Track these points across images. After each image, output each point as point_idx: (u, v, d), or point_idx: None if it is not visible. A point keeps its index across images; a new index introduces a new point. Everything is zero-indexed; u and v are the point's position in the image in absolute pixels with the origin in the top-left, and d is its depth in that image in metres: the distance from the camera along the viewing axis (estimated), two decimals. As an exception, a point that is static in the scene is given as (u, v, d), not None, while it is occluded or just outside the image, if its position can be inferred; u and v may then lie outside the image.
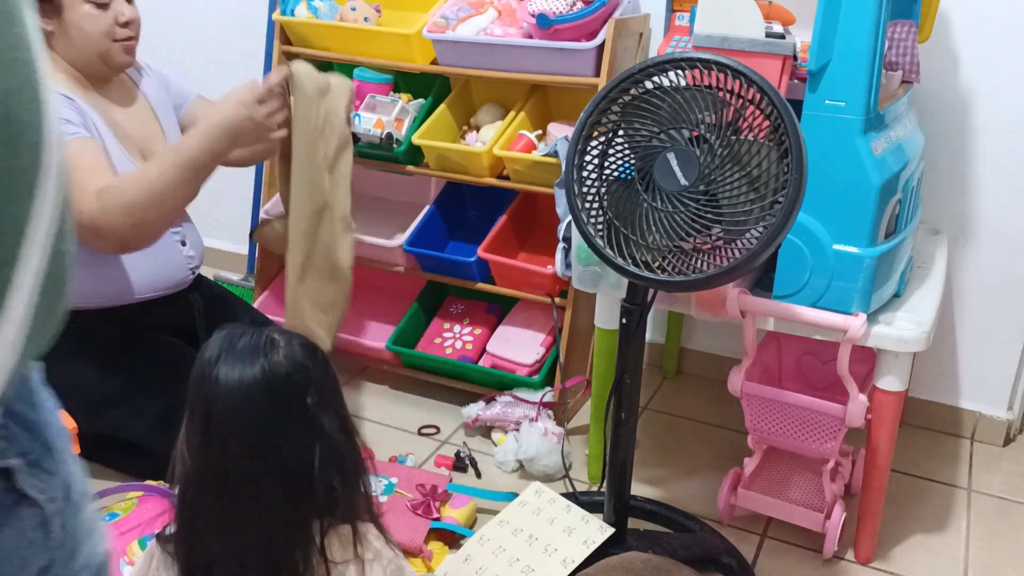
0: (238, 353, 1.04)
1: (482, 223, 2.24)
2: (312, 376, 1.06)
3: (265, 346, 1.04)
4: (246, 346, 1.04)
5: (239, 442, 1.03)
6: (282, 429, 1.03)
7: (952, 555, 1.73)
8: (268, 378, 1.03)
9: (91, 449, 1.68)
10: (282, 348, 1.05)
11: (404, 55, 2.13)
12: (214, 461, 1.04)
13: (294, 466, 1.04)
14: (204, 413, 1.04)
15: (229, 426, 1.03)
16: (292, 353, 1.05)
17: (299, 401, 1.04)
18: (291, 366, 1.04)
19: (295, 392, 1.04)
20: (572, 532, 1.56)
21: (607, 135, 1.33)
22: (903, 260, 1.61)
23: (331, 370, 1.09)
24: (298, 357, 1.05)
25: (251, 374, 1.02)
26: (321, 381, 1.06)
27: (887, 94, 1.57)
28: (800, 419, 1.62)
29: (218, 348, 1.05)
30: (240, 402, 1.03)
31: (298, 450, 1.04)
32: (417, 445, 2.03)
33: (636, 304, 1.44)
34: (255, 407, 1.03)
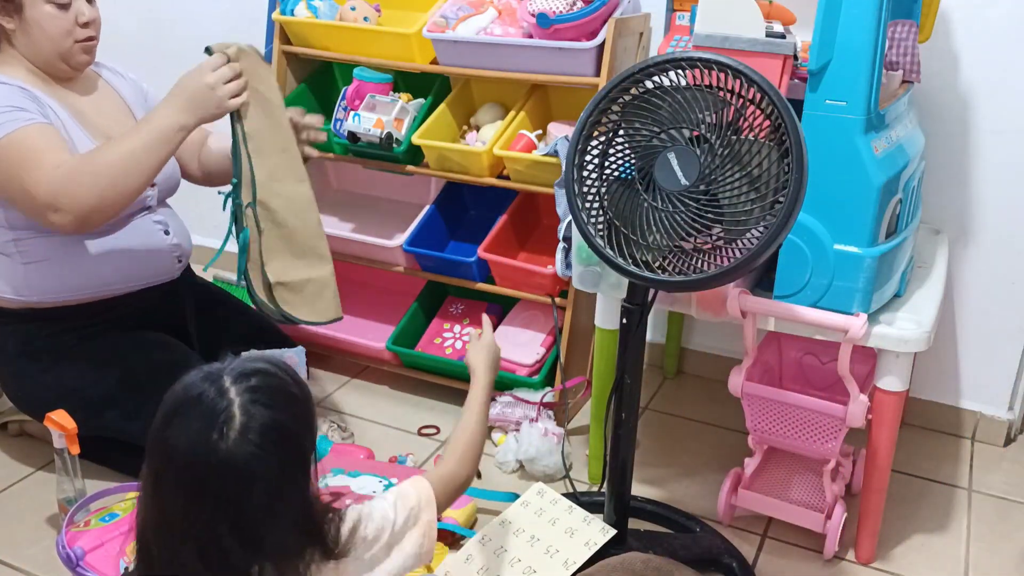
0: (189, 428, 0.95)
1: (482, 223, 2.24)
2: (261, 471, 0.95)
3: (218, 428, 0.94)
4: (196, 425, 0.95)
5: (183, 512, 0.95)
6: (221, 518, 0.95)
7: (953, 555, 1.73)
8: (211, 467, 0.94)
9: (91, 449, 1.69)
10: (234, 434, 0.94)
11: (404, 55, 2.13)
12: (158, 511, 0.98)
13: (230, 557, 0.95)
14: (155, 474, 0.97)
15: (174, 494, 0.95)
16: (242, 442, 0.94)
17: (244, 496, 0.95)
18: (237, 459, 0.94)
19: (239, 487, 0.95)
20: (574, 533, 1.56)
21: (607, 135, 1.33)
22: (904, 260, 1.61)
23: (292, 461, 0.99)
24: (248, 447, 0.94)
25: (198, 459, 0.94)
26: (272, 477, 0.96)
27: (888, 94, 1.57)
28: (801, 419, 1.62)
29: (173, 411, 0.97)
30: (185, 482, 0.95)
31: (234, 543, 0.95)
32: (417, 445, 2.03)
33: (636, 304, 1.44)
34: (197, 491, 0.94)
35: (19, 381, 1.81)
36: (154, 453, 0.98)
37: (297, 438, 1.00)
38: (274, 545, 0.97)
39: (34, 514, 1.76)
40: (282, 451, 0.97)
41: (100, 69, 1.89)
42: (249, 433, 0.95)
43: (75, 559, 1.49)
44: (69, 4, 1.69)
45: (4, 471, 1.89)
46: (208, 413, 0.95)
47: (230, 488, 0.95)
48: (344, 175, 2.53)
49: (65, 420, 1.60)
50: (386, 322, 2.31)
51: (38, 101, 1.67)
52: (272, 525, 0.97)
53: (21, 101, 1.63)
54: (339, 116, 2.22)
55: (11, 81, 1.67)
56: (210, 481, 0.94)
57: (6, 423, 1.99)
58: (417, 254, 2.17)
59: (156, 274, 1.84)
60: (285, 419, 0.98)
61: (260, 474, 0.95)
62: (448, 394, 2.19)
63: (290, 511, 0.98)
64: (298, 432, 1.00)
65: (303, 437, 1.01)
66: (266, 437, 0.95)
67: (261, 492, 0.95)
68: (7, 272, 1.73)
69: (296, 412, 1.00)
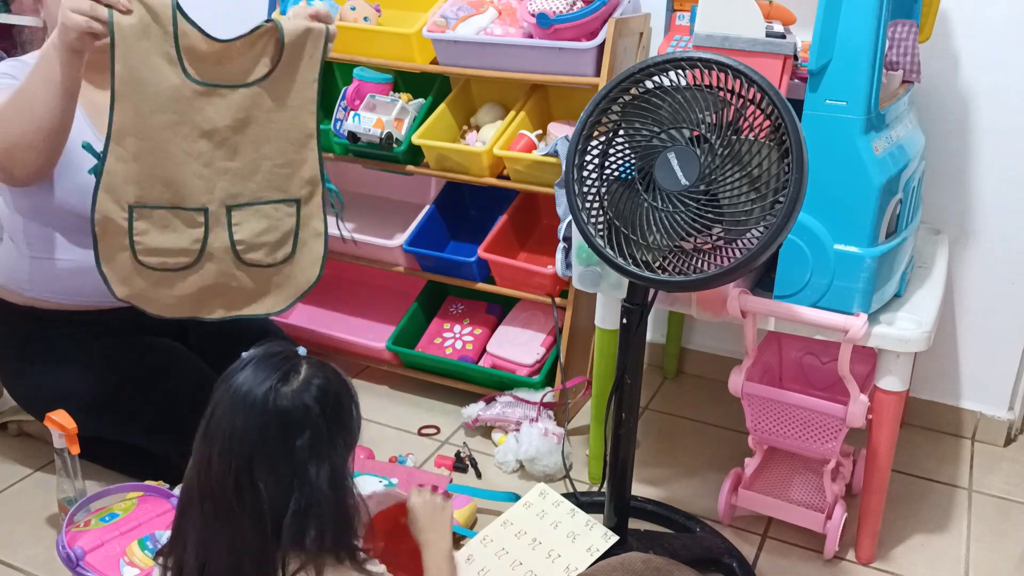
0: (259, 368, 1.04)
1: (482, 223, 2.24)
2: (310, 420, 1.04)
3: (283, 373, 1.04)
4: (269, 365, 1.05)
5: (222, 455, 1.02)
6: (265, 460, 1.02)
7: (953, 555, 1.73)
8: (266, 405, 1.03)
9: (91, 449, 1.69)
10: (296, 382, 1.05)
11: (404, 55, 2.13)
12: (203, 467, 1.04)
13: (267, 501, 1.02)
14: (208, 414, 1.05)
15: (219, 435, 1.03)
16: (301, 390, 1.05)
17: (289, 440, 1.03)
18: (293, 402, 1.04)
19: (288, 430, 1.03)
20: (576, 538, 1.55)
21: (607, 135, 1.33)
22: (904, 260, 1.61)
23: (341, 424, 1.08)
24: (305, 397, 1.04)
25: (254, 394, 1.03)
26: (320, 428, 1.05)
27: (888, 94, 1.57)
28: (801, 419, 1.62)
29: (250, 356, 1.06)
30: (233, 416, 1.03)
31: (275, 488, 1.02)
32: (417, 445, 2.03)
33: (637, 304, 1.44)
34: (245, 428, 1.02)
35: (18, 381, 1.81)
36: (212, 399, 1.05)
37: (347, 417, 1.09)
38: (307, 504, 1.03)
39: (34, 514, 1.76)
40: (331, 417, 1.06)
41: None
42: (310, 388, 1.05)
43: (75, 559, 1.49)
44: None
45: (4, 471, 1.89)
46: (276, 365, 1.05)
47: (281, 430, 1.02)
48: (344, 175, 2.52)
49: (65, 420, 1.60)
50: (386, 322, 2.31)
51: None
52: (308, 481, 1.03)
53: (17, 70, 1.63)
54: (339, 116, 2.22)
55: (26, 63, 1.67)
56: (264, 420, 1.02)
57: (6, 423, 1.99)
58: (417, 254, 2.17)
59: None
60: (343, 394, 1.09)
61: (309, 425, 1.04)
62: (448, 394, 2.19)
63: (326, 476, 1.05)
64: (349, 413, 1.10)
65: (350, 422, 1.10)
66: (322, 399, 1.05)
67: (305, 444, 1.03)
68: (14, 264, 1.72)
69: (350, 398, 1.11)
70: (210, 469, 1.03)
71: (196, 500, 1.06)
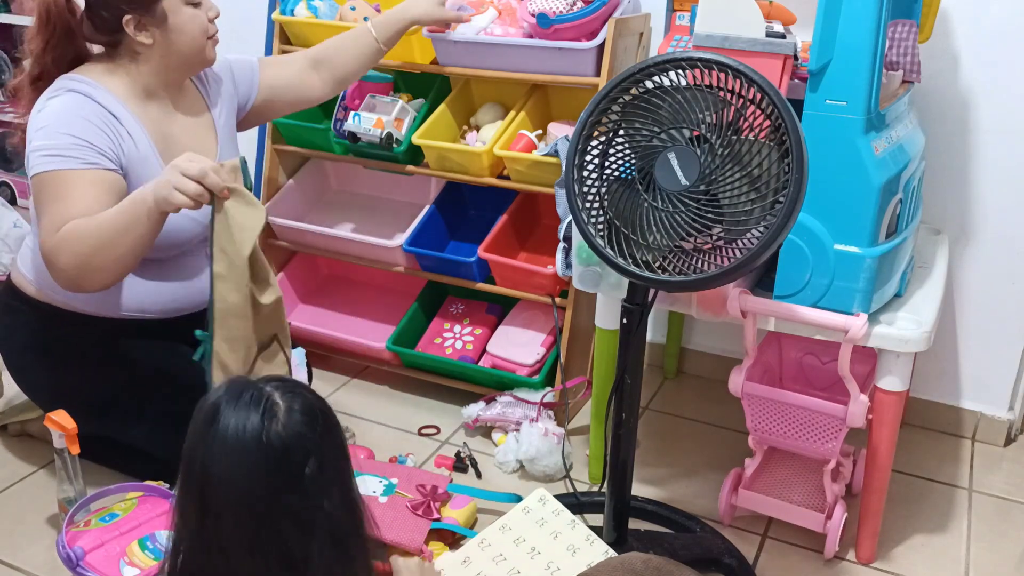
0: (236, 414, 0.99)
1: (482, 223, 2.24)
2: (311, 447, 1.01)
3: (264, 414, 0.99)
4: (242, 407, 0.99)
5: (235, 520, 0.98)
6: (280, 506, 0.99)
7: (953, 555, 1.73)
8: (265, 452, 0.98)
9: (91, 449, 1.69)
10: (281, 417, 1.00)
11: (404, 55, 2.13)
12: (209, 533, 0.99)
13: (292, 545, 0.99)
14: (200, 482, 0.99)
15: (224, 502, 0.98)
16: (291, 422, 1.00)
17: (298, 475, 0.99)
18: (290, 438, 0.99)
19: (293, 466, 0.99)
20: (576, 552, 1.54)
21: (607, 135, 1.33)
22: (904, 260, 1.61)
23: (335, 437, 1.05)
24: (298, 427, 1.00)
25: (246, 444, 0.98)
26: (322, 452, 1.02)
27: (888, 94, 1.57)
28: (801, 419, 1.62)
29: (214, 412, 0.99)
30: (236, 478, 0.98)
31: (297, 529, 0.99)
32: (417, 445, 2.03)
33: (637, 304, 1.44)
34: (252, 483, 0.98)
35: (24, 374, 1.81)
36: (197, 464, 1.00)
37: (337, 429, 1.06)
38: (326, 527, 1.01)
39: (34, 514, 1.76)
40: (324, 429, 1.03)
41: (213, 79, 1.86)
42: (293, 413, 1.01)
43: (75, 559, 1.49)
44: (200, 2, 1.69)
45: (4, 471, 1.89)
46: (251, 407, 0.99)
47: (286, 468, 0.99)
48: (344, 175, 2.53)
49: (65, 420, 1.60)
50: (386, 322, 2.31)
51: (117, 129, 1.62)
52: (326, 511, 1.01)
53: (94, 135, 1.58)
54: (339, 116, 2.22)
55: (99, 94, 1.63)
56: (268, 465, 0.98)
57: (6, 424, 1.99)
58: (417, 254, 2.17)
59: (192, 306, 1.80)
60: (320, 404, 1.05)
61: (312, 452, 1.00)
62: (448, 394, 2.19)
63: (339, 498, 1.03)
64: (335, 421, 1.06)
65: (339, 431, 1.07)
66: (309, 415, 1.02)
67: (314, 474, 1.00)
68: (38, 257, 1.66)
69: (328, 406, 1.07)
70: (221, 537, 0.99)
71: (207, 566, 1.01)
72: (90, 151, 1.58)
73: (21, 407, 1.95)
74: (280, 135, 2.35)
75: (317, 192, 2.49)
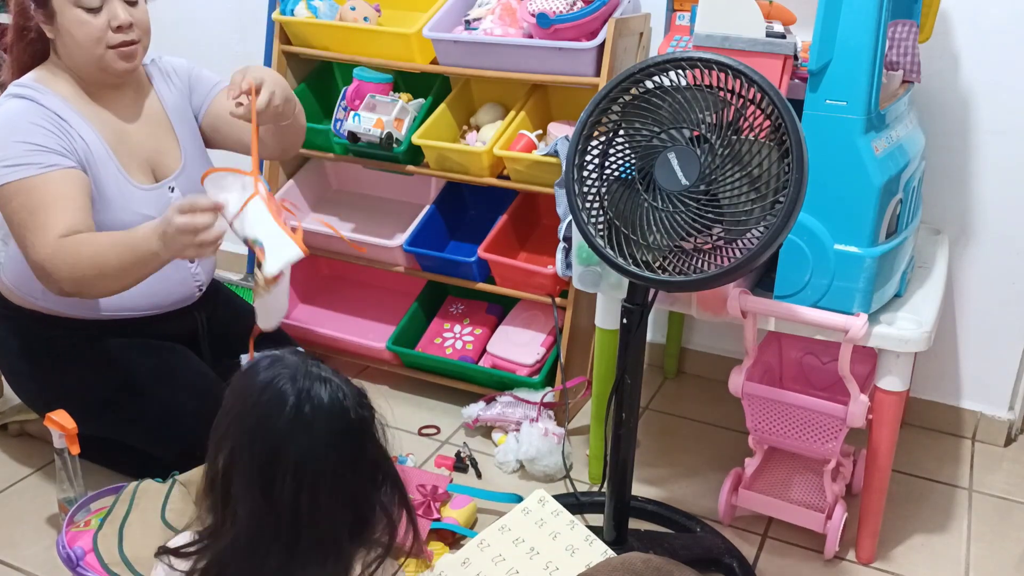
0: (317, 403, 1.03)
1: (482, 223, 2.24)
2: (373, 420, 1.09)
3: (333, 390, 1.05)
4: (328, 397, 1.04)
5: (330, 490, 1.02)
6: (367, 464, 1.06)
7: (953, 555, 1.73)
8: (350, 421, 1.04)
9: (91, 449, 1.69)
10: (344, 388, 1.06)
11: (404, 55, 2.13)
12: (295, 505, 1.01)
13: (367, 505, 1.06)
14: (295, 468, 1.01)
15: (320, 476, 1.01)
16: (352, 392, 1.07)
17: (371, 447, 1.07)
18: (357, 406, 1.06)
19: (367, 437, 1.07)
20: (575, 552, 1.54)
21: (608, 135, 1.33)
22: (904, 260, 1.61)
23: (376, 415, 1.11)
24: (356, 396, 1.07)
25: (340, 421, 1.04)
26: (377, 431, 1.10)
27: (888, 94, 1.57)
28: (801, 419, 1.62)
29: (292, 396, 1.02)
30: (332, 450, 1.02)
31: (370, 491, 1.06)
32: (417, 445, 2.03)
33: (637, 304, 1.44)
34: (344, 451, 1.03)
35: (19, 379, 1.81)
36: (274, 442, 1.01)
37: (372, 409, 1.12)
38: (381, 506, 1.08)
39: (34, 514, 1.76)
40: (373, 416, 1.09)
41: (153, 69, 1.82)
42: (357, 395, 1.08)
43: (75, 559, 1.49)
44: (100, 8, 1.60)
45: (4, 471, 1.89)
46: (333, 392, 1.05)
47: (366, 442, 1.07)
48: (344, 175, 2.52)
49: (65, 420, 1.60)
50: (386, 322, 2.31)
51: (67, 135, 1.61)
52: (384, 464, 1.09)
53: (45, 137, 1.57)
54: (339, 116, 2.22)
55: (46, 98, 1.62)
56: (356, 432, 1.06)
57: (6, 424, 1.99)
58: (417, 254, 2.17)
59: (172, 302, 1.80)
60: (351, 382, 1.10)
61: (374, 422, 1.09)
62: (448, 394, 2.19)
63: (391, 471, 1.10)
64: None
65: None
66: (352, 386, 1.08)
67: (376, 451, 1.08)
68: (17, 266, 1.69)
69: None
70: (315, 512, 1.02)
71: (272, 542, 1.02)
72: (45, 154, 1.57)
73: (21, 407, 1.95)
74: (280, 135, 2.35)
75: (317, 192, 2.49)
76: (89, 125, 1.66)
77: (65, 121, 1.62)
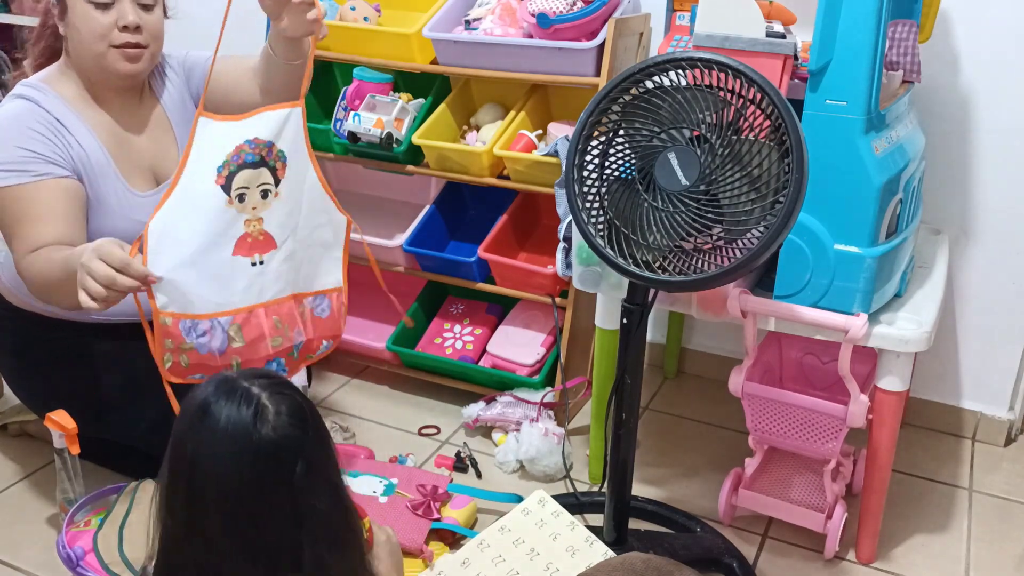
0: (224, 419, 0.98)
1: (482, 223, 2.24)
2: (300, 449, 1.00)
3: (254, 416, 0.99)
4: (233, 418, 0.98)
5: (222, 513, 0.98)
6: (270, 503, 0.99)
7: (953, 555, 1.73)
8: (255, 452, 0.98)
9: (91, 449, 1.69)
10: (270, 419, 0.99)
11: (404, 55, 2.13)
12: (197, 524, 0.99)
13: (280, 543, 1.00)
14: (188, 475, 0.99)
15: (213, 495, 0.98)
16: (281, 424, 0.99)
17: (287, 476, 0.99)
18: (280, 440, 0.99)
19: (283, 468, 0.99)
20: (576, 553, 1.54)
21: (608, 135, 1.33)
22: (904, 260, 1.61)
23: (323, 438, 1.05)
24: (286, 430, 1.00)
25: (238, 446, 0.98)
26: (310, 453, 1.01)
27: (888, 94, 1.57)
28: (801, 419, 1.62)
29: (204, 407, 0.99)
30: (227, 473, 0.98)
31: (285, 526, 0.99)
32: (417, 445, 2.03)
33: (637, 304, 1.44)
34: (242, 479, 0.98)
35: (18, 381, 1.81)
36: (184, 464, 0.99)
37: (320, 420, 1.06)
38: (319, 527, 1.01)
39: (34, 514, 1.76)
40: (313, 429, 1.03)
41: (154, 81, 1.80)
42: (282, 416, 1.00)
43: (75, 559, 1.49)
44: (110, 5, 1.59)
45: (4, 471, 1.89)
46: (241, 406, 0.99)
47: (276, 469, 0.99)
48: (344, 175, 2.52)
49: (65, 420, 1.60)
50: (386, 322, 2.31)
51: (65, 138, 1.60)
52: (313, 504, 1.01)
53: (42, 144, 1.57)
54: (339, 116, 2.22)
55: (48, 100, 1.61)
56: (257, 466, 0.98)
57: (6, 424, 1.99)
58: (417, 254, 2.17)
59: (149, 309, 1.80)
60: (308, 404, 1.04)
61: (302, 450, 1.00)
62: (448, 394, 2.19)
63: (329, 498, 1.03)
64: (319, 415, 1.06)
65: (322, 421, 1.07)
66: (297, 416, 1.01)
67: (303, 469, 1.00)
68: (10, 267, 1.69)
69: (313, 405, 1.06)
70: (209, 535, 0.98)
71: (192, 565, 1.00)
72: (39, 162, 1.56)
73: (21, 407, 1.95)
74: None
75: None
76: (89, 130, 1.65)
77: (64, 127, 1.62)
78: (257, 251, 1.52)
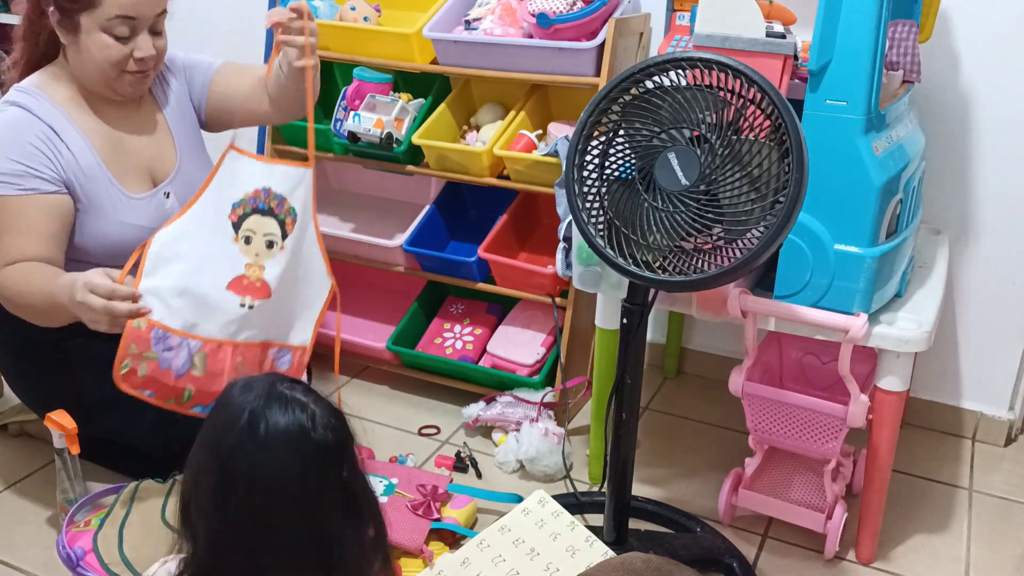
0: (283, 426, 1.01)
1: (482, 223, 2.24)
2: (347, 446, 1.07)
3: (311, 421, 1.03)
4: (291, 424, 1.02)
5: (286, 519, 1.01)
6: (324, 503, 1.03)
7: (953, 555, 1.73)
8: (315, 456, 1.02)
9: (91, 449, 1.69)
10: (322, 422, 1.04)
11: (404, 55, 2.13)
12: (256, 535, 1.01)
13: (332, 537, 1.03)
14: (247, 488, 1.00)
15: (276, 504, 1.00)
16: (331, 425, 1.04)
17: (339, 474, 1.05)
18: (333, 440, 1.04)
19: (336, 466, 1.05)
20: (576, 553, 1.54)
21: (608, 135, 1.33)
22: (904, 260, 1.61)
23: (354, 434, 1.10)
24: (337, 431, 1.05)
25: (300, 451, 1.01)
26: (351, 449, 1.08)
27: (888, 94, 1.57)
28: (801, 419, 1.62)
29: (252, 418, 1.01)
30: (290, 480, 1.00)
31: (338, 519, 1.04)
32: (417, 445, 2.03)
33: (637, 304, 1.44)
34: (304, 486, 1.01)
35: (20, 381, 1.81)
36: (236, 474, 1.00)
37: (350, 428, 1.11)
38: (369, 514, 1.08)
39: (34, 514, 1.76)
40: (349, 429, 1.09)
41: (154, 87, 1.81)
42: (329, 418, 1.05)
43: (75, 559, 1.49)
44: (130, 38, 1.60)
45: (4, 471, 1.89)
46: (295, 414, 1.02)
47: (330, 468, 1.04)
48: (344, 175, 2.52)
49: (65, 420, 1.60)
50: (386, 322, 2.31)
51: (57, 148, 1.60)
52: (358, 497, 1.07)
53: (34, 158, 1.57)
54: (339, 116, 2.22)
55: (42, 107, 1.61)
56: (318, 468, 1.02)
57: (6, 424, 1.99)
58: (417, 254, 2.17)
59: None
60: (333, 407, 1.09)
61: (347, 448, 1.07)
62: (448, 394, 2.19)
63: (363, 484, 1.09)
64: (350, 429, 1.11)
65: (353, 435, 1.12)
66: (339, 417, 1.07)
67: (350, 465, 1.06)
68: None
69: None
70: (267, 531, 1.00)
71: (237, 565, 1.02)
72: (29, 178, 1.57)
73: (21, 407, 1.95)
74: (280, 135, 2.35)
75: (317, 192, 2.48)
76: (82, 136, 1.65)
77: (57, 134, 1.62)
78: (250, 295, 1.54)
